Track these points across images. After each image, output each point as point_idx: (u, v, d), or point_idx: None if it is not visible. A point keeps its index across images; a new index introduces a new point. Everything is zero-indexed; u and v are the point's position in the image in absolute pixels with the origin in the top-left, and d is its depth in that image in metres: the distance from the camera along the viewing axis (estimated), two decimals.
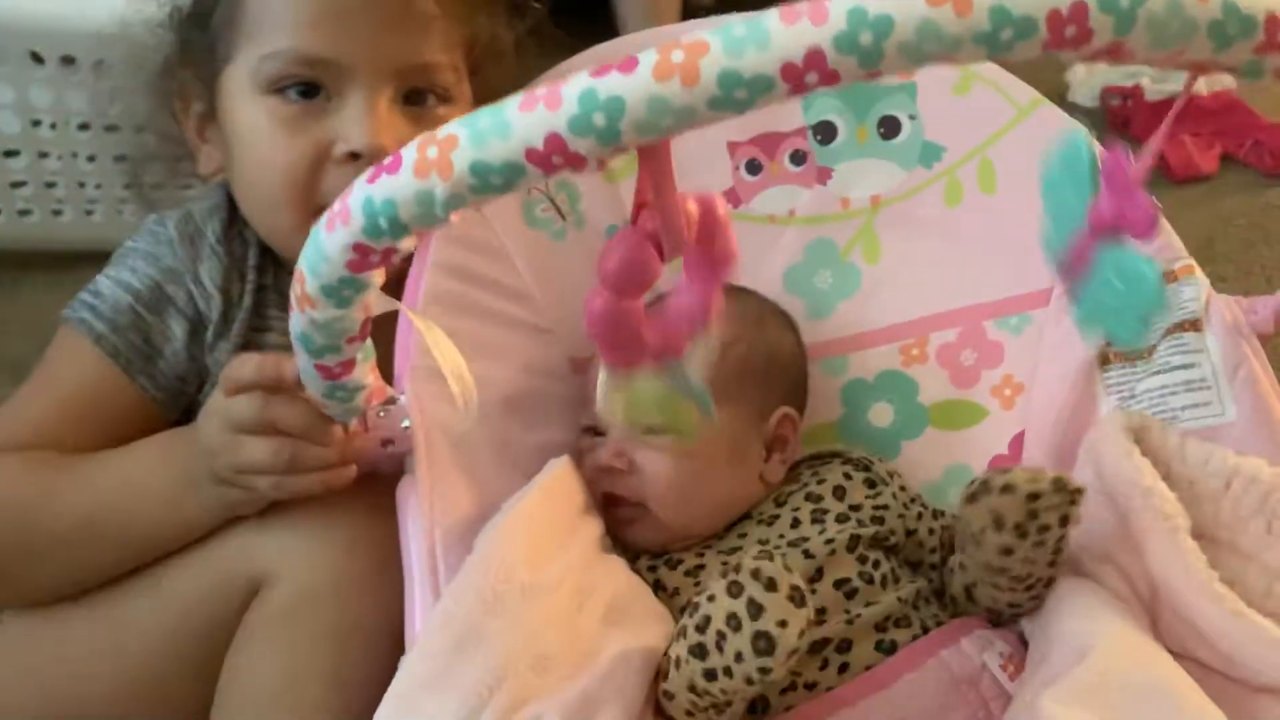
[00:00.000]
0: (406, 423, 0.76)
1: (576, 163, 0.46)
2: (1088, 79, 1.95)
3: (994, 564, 0.75)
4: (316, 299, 0.57)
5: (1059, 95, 1.90)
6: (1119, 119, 1.90)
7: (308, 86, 0.83)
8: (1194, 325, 0.89)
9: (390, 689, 0.64)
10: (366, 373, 0.68)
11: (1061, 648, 0.70)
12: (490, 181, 0.47)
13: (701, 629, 0.65)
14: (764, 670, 0.63)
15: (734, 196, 1.03)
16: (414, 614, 0.71)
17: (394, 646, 0.69)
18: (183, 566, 0.78)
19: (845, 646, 0.77)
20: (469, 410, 0.68)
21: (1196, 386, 0.87)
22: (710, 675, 0.65)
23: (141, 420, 0.84)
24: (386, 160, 0.50)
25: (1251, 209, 1.66)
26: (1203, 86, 1.92)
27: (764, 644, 0.62)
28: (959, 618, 0.82)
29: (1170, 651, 0.73)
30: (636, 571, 0.84)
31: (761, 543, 0.84)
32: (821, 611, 0.78)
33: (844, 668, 0.76)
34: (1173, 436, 0.81)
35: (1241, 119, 1.87)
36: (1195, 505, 0.77)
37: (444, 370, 0.67)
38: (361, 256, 0.53)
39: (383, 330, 0.72)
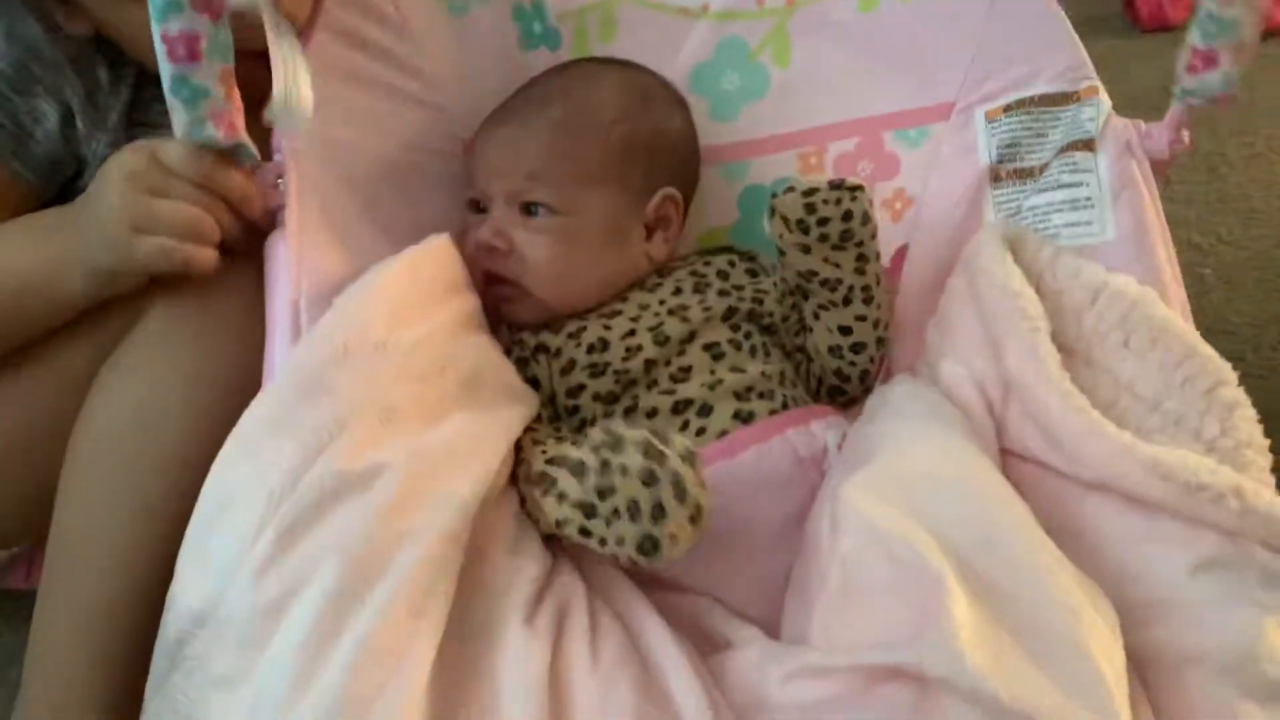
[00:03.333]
0: (280, 180, 0.75)
1: None
2: None
3: (801, 268, 0.82)
4: None
5: None
6: None
7: None
8: (1087, 145, 0.88)
9: (233, 430, 0.64)
10: (215, 80, 0.66)
11: (872, 443, 0.73)
12: None
13: (603, 495, 0.64)
14: (637, 562, 0.64)
15: None
16: (272, 361, 0.71)
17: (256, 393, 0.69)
18: None
19: (706, 411, 0.79)
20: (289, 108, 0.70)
21: (1080, 205, 0.87)
22: (585, 533, 0.66)
23: (16, 201, 0.80)
24: None
25: None
26: None
27: (649, 545, 0.63)
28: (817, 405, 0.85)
29: (1014, 455, 0.76)
30: (519, 340, 0.85)
31: (642, 307, 0.86)
32: (687, 370, 0.81)
33: (701, 431, 0.78)
34: (1046, 249, 0.82)
35: None
36: (1059, 317, 0.78)
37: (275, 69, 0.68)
38: None
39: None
